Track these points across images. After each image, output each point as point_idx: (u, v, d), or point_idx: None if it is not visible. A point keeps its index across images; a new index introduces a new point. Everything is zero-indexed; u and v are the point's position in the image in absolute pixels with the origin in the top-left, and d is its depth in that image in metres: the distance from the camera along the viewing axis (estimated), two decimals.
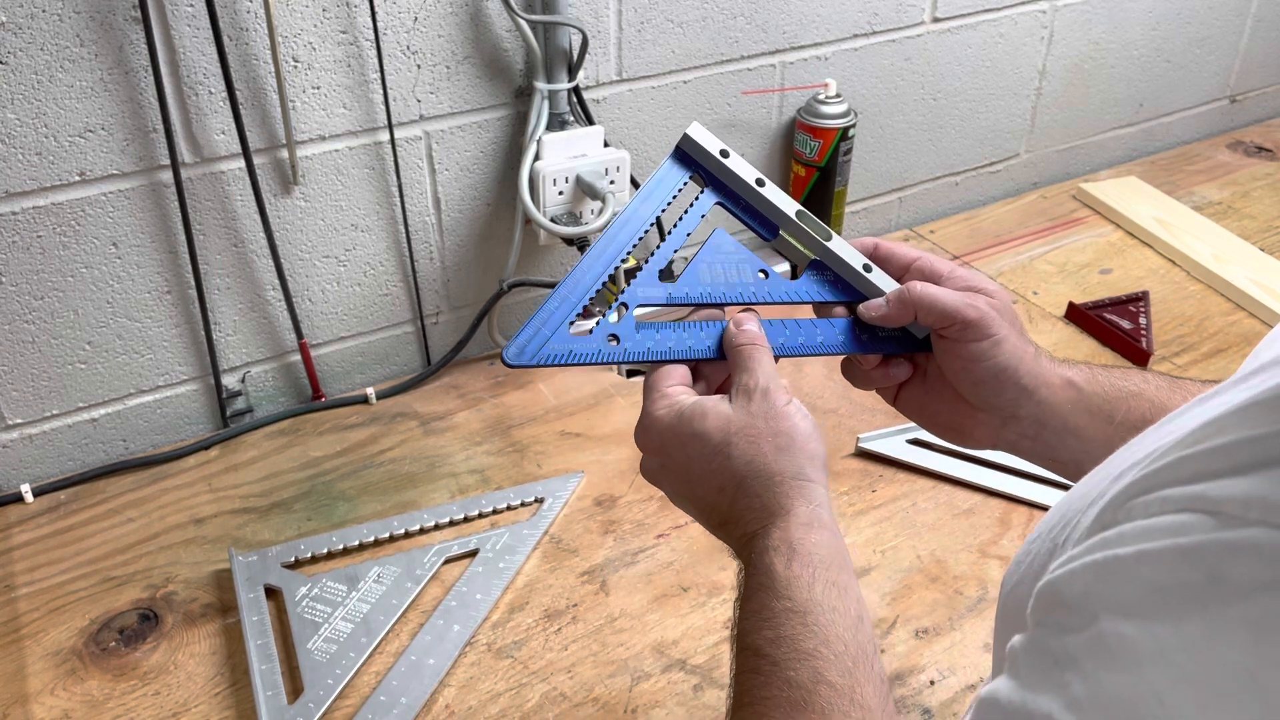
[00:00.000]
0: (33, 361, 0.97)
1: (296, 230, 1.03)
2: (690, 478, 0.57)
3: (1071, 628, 0.34)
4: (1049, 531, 0.41)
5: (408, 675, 0.81)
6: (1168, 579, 0.31)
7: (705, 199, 0.63)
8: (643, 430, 0.59)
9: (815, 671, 0.49)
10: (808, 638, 0.50)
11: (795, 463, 0.55)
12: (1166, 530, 0.32)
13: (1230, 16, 1.60)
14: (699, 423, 0.56)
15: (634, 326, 0.60)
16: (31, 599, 0.88)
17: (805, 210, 0.64)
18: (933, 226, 1.44)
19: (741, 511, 0.56)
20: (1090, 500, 0.38)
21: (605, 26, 1.08)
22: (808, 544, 0.53)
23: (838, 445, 1.04)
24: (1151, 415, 0.60)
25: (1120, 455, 0.40)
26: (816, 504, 0.55)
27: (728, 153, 0.63)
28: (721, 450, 0.56)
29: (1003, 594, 0.46)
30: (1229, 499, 0.31)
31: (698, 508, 0.59)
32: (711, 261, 0.63)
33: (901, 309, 0.62)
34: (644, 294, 0.61)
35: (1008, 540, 0.93)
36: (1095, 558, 0.34)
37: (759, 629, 0.51)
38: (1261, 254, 1.33)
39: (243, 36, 0.92)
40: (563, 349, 0.58)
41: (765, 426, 0.55)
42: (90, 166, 0.91)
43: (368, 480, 1.01)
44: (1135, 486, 0.35)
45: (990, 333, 0.60)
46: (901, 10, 1.27)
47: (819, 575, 0.52)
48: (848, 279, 0.64)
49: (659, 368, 0.60)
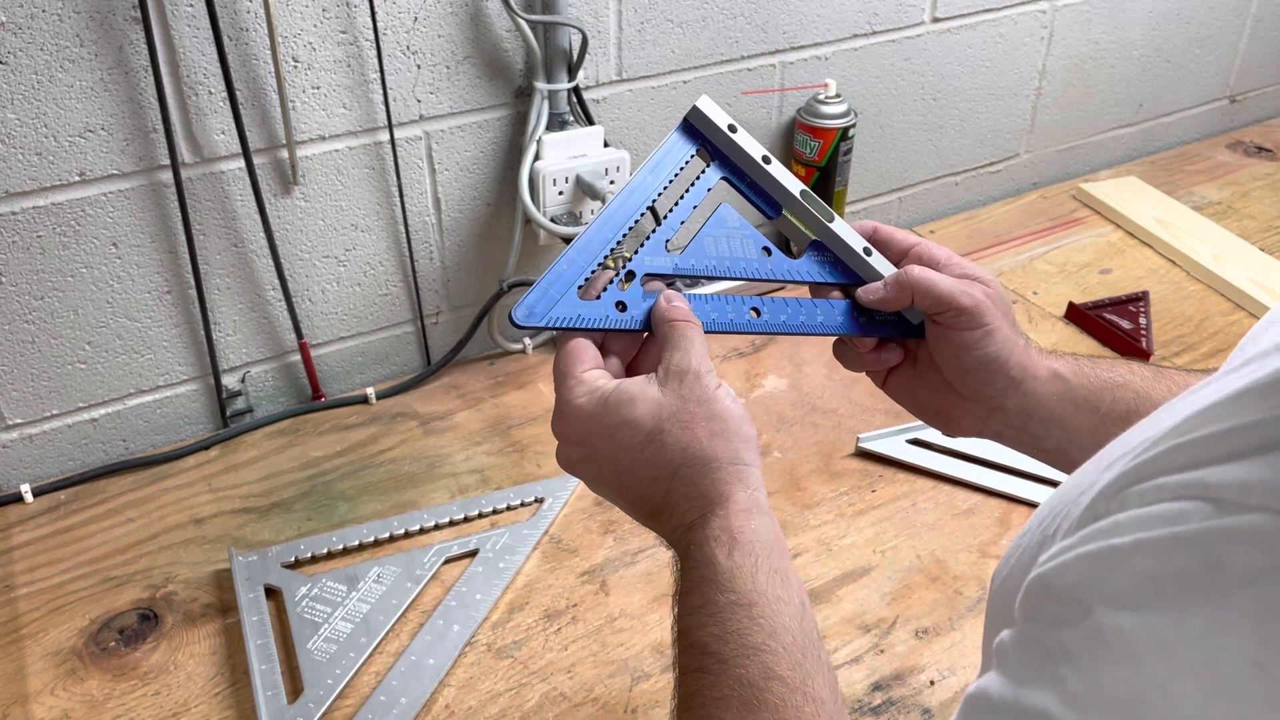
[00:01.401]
0: (33, 361, 0.97)
1: (296, 230, 1.03)
2: (619, 468, 0.55)
3: (1065, 620, 0.33)
4: (1038, 525, 0.41)
5: (408, 675, 0.81)
6: (1165, 568, 0.31)
7: (711, 173, 0.64)
8: (562, 420, 0.56)
9: (765, 667, 0.48)
10: (755, 631, 0.49)
11: (731, 447, 0.54)
12: (1163, 518, 0.32)
13: (1230, 16, 1.60)
14: (627, 410, 0.54)
15: (642, 295, 0.60)
16: (31, 599, 0.88)
17: (809, 190, 0.64)
18: (933, 226, 1.44)
19: (677, 501, 0.54)
20: (1081, 490, 0.37)
21: (605, 26, 1.08)
22: (748, 531, 0.52)
23: (838, 445, 1.04)
24: (1137, 405, 0.60)
25: (1111, 448, 0.39)
26: (754, 488, 0.54)
27: (735, 127, 0.63)
28: (654, 438, 0.54)
29: (992, 589, 0.46)
30: (1227, 484, 0.31)
31: (626, 499, 0.57)
32: (716, 235, 0.63)
33: (899, 292, 0.62)
34: (651, 263, 0.61)
35: (1008, 540, 0.93)
36: (1089, 548, 0.34)
37: (704, 625, 0.50)
38: (1261, 254, 1.34)
39: (243, 36, 0.92)
40: (570, 312, 0.58)
41: (699, 410, 0.54)
42: (90, 166, 0.91)
43: (368, 480, 1.01)
44: (1128, 475, 0.34)
45: (984, 322, 0.60)
46: (901, 10, 1.27)
47: (761, 563, 0.51)
48: (847, 261, 0.65)
49: (566, 351, 0.58)
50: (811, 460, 1.03)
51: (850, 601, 0.88)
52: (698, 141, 0.63)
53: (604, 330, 0.59)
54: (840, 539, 0.94)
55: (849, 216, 1.39)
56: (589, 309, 0.59)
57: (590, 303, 0.59)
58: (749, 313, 0.62)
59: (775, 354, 1.17)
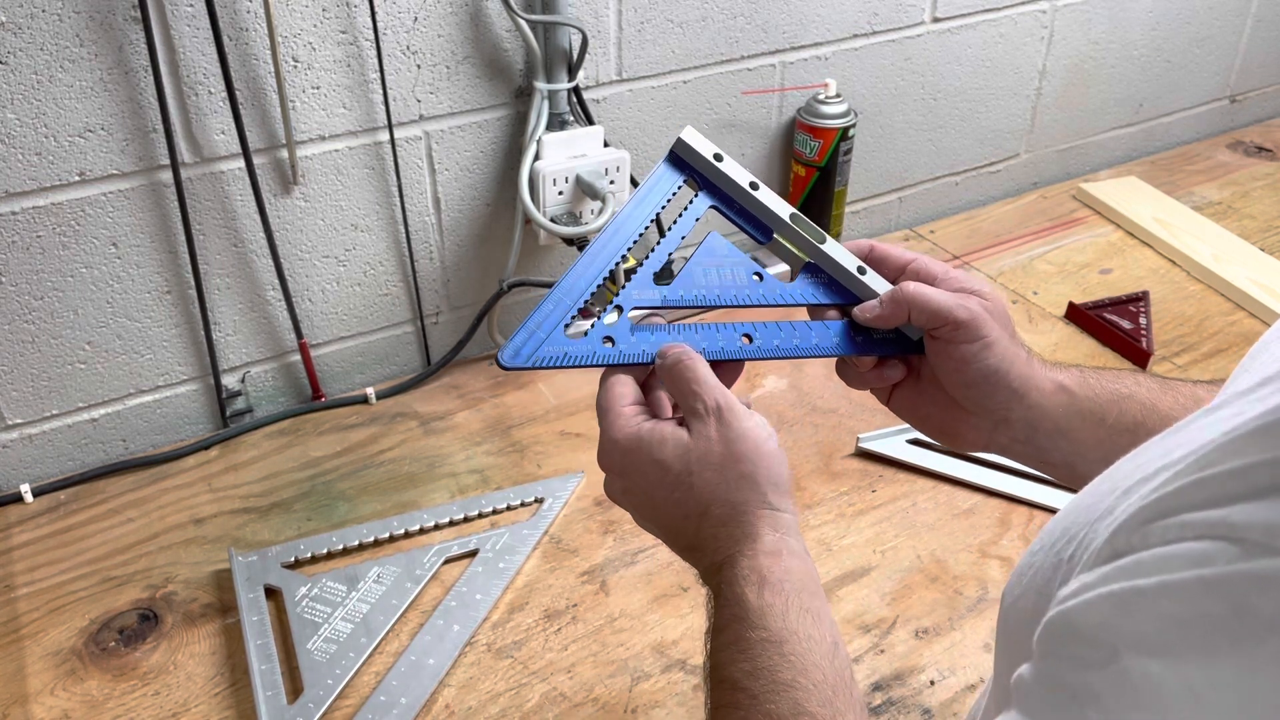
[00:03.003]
0: (33, 361, 0.97)
1: (296, 230, 1.03)
2: (654, 502, 0.57)
3: (1091, 663, 0.33)
4: (1052, 544, 0.41)
5: (408, 675, 0.81)
6: (1191, 612, 0.31)
7: (700, 202, 0.64)
8: (604, 453, 0.58)
9: (795, 703, 0.48)
10: (785, 668, 0.49)
11: (758, 491, 0.54)
12: (1187, 559, 0.31)
13: (1230, 16, 1.60)
14: (658, 450, 0.55)
15: (629, 329, 0.60)
16: (31, 599, 0.88)
17: (799, 214, 0.64)
18: (933, 226, 1.44)
19: (707, 540, 0.55)
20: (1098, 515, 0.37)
21: (605, 26, 1.08)
22: (778, 571, 0.52)
23: (838, 445, 1.04)
24: (1144, 417, 0.60)
25: (1124, 466, 0.39)
26: (783, 531, 0.54)
27: (721, 156, 0.63)
28: (683, 480, 0.55)
29: (1004, 605, 0.45)
30: (1252, 525, 0.30)
31: (664, 532, 0.58)
32: (706, 264, 0.63)
33: (895, 308, 0.62)
34: (639, 296, 0.61)
35: (1008, 540, 0.93)
36: (1113, 588, 0.33)
37: (735, 661, 0.51)
38: (1261, 254, 1.33)
39: (243, 36, 0.92)
40: (558, 351, 0.59)
41: (725, 451, 0.54)
42: (90, 166, 0.91)
43: (368, 480, 1.01)
44: (1151, 509, 0.34)
45: (981, 334, 0.59)
46: (901, 10, 1.27)
47: (792, 603, 0.51)
48: (842, 281, 0.64)
49: (608, 387, 0.59)
50: (811, 460, 1.03)
51: (850, 601, 0.88)
52: (685, 172, 0.63)
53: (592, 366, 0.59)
54: (840, 539, 0.94)
55: (849, 216, 1.39)
56: (576, 346, 0.59)
57: (577, 340, 0.59)
58: (740, 339, 0.62)
59: None
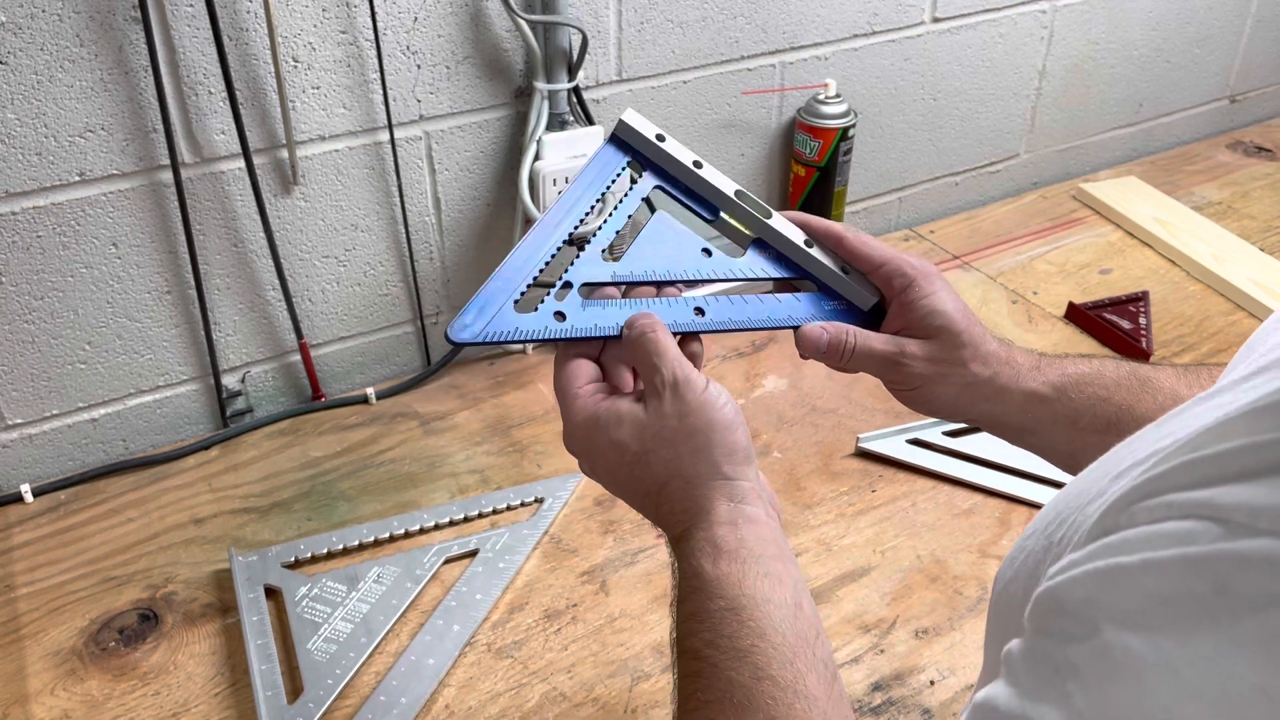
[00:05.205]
0: (33, 361, 0.97)
1: (296, 230, 1.03)
2: (618, 480, 0.58)
3: (1074, 636, 0.33)
4: (1044, 529, 0.41)
5: (408, 675, 0.81)
6: (1173, 589, 0.31)
7: (645, 181, 0.65)
8: (567, 436, 0.59)
9: (755, 668, 0.49)
10: (744, 635, 0.50)
11: (711, 461, 0.55)
12: (1172, 538, 0.32)
13: (1230, 16, 1.60)
14: (615, 431, 0.56)
15: (580, 304, 0.61)
16: (31, 599, 0.88)
17: (744, 190, 0.65)
18: (932, 226, 1.44)
19: (666, 515, 0.57)
20: (1089, 499, 0.37)
21: (605, 26, 1.08)
22: (732, 541, 0.53)
23: (838, 445, 1.04)
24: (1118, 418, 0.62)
25: (1118, 452, 0.39)
26: (739, 500, 0.55)
27: (664, 136, 0.64)
28: (640, 459, 0.56)
29: (995, 590, 0.46)
30: (1236, 506, 0.30)
31: (634, 506, 0.60)
32: (655, 241, 0.64)
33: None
34: (588, 273, 0.62)
35: (1008, 540, 0.93)
36: (1098, 565, 0.34)
37: (696, 631, 0.52)
38: (1261, 254, 1.34)
39: (243, 36, 0.92)
40: (509, 326, 0.60)
41: (679, 426, 0.55)
42: (90, 166, 0.91)
43: (368, 480, 1.01)
44: (1139, 490, 0.34)
45: (925, 273, 0.63)
46: (901, 10, 1.27)
47: (749, 569, 0.52)
48: (789, 254, 0.66)
49: (564, 370, 0.60)
50: (811, 460, 1.03)
51: (850, 601, 0.88)
52: (628, 154, 0.65)
53: (547, 341, 0.60)
54: (840, 539, 0.94)
55: (849, 216, 1.39)
56: (526, 321, 0.60)
57: (528, 315, 0.60)
58: (692, 313, 0.63)
59: (775, 354, 1.17)
